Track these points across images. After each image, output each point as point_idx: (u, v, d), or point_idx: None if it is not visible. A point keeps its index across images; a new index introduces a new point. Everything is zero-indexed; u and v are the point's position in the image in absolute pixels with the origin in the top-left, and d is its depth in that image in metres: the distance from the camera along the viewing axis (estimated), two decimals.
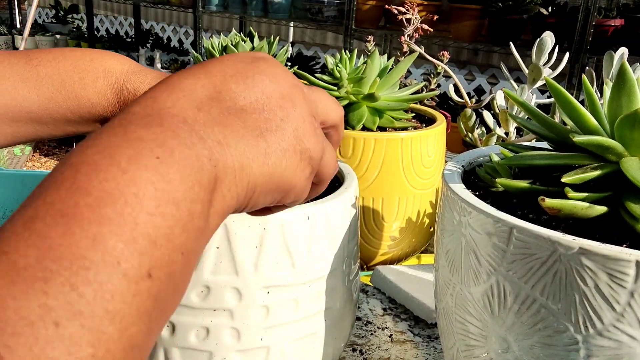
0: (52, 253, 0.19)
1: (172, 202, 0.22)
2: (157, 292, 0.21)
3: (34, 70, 0.44)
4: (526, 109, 0.41)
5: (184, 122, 0.25)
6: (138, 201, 0.21)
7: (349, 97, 0.72)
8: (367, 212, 0.72)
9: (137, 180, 0.21)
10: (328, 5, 2.97)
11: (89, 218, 0.20)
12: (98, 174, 0.21)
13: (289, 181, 0.30)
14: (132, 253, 0.20)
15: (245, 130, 0.28)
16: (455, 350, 0.41)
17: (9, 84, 0.43)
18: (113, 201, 0.21)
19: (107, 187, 0.21)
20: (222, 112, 0.27)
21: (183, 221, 0.22)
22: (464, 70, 3.32)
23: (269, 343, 0.42)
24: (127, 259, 0.20)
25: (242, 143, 0.27)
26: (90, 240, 0.20)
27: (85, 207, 0.20)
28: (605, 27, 2.32)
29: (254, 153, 0.28)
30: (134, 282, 0.20)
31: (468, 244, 0.37)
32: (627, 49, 0.53)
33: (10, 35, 4.54)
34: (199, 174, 0.24)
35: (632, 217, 0.33)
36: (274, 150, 0.29)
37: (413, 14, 0.88)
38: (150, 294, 0.21)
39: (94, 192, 0.21)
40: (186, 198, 0.23)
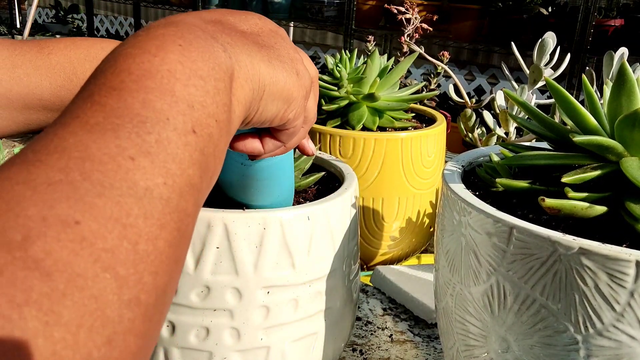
0: (113, 113, 0.23)
1: (199, 77, 0.26)
2: (202, 147, 0.25)
3: (46, 59, 0.45)
4: (526, 109, 0.41)
5: (196, 26, 0.29)
6: (172, 75, 0.25)
7: (349, 97, 0.72)
8: (367, 212, 0.72)
9: (167, 60, 0.25)
10: (328, 5, 2.96)
11: (136, 89, 0.24)
12: (135, 59, 0.25)
13: (290, 90, 0.33)
14: (177, 112, 0.24)
15: (248, 41, 0.31)
16: (455, 350, 0.41)
17: (21, 71, 0.44)
18: (152, 76, 0.25)
19: (144, 67, 0.25)
20: (226, 28, 0.31)
21: (211, 93, 0.26)
22: (464, 70, 3.32)
23: (269, 343, 0.42)
24: (173, 117, 0.24)
25: (247, 48, 0.31)
26: (141, 103, 0.24)
27: (130, 82, 0.24)
28: (605, 27, 2.32)
29: (259, 56, 0.31)
30: (183, 135, 0.24)
31: (468, 244, 0.37)
32: (627, 49, 0.53)
33: (11, 35, 4.53)
34: (217, 60, 0.27)
35: (632, 217, 0.33)
36: (275, 59, 0.32)
37: (413, 14, 0.88)
38: (197, 146, 0.25)
39: (134, 71, 0.25)
40: (210, 75, 0.26)
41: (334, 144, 0.69)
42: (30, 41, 0.46)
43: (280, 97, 0.32)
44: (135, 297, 0.20)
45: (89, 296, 0.19)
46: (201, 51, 0.27)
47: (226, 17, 0.32)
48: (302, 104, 0.35)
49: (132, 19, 4.38)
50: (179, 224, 0.23)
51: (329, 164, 0.52)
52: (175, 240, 0.23)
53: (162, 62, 0.25)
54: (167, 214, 0.22)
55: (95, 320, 0.19)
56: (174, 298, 0.40)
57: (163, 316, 0.23)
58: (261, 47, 0.32)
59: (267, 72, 0.31)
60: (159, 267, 0.22)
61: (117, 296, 0.19)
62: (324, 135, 0.69)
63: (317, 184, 0.52)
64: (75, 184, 0.20)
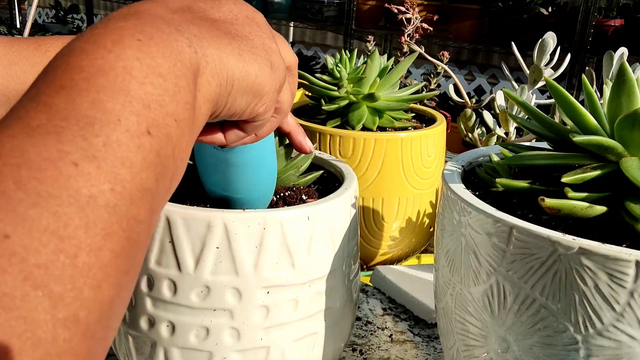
0: (59, 114, 0.22)
1: (157, 74, 0.24)
2: (159, 149, 0.24)
3: (43, 56, 0.44)
4: (526, 109, 0.41)
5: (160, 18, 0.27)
6: (127, 72, 0.24)
7: (349, 97, 0.72)
8: (367, 212, 0.72)
9: (123, 57, 0.24)
10: (328, 5, 2.96)
11: (86, 88, 0.23)
12: (88, 55, 0.24)
13: (262, 84, 0.31)
14: (130, 113, 0.23)
15: (218, 32, 0.30)
16: (455, 350, 0.41)
17: (18, 68, 0.43)
18: (105, 73, 0.23)
19: (97, 64, 0.23)
20: (195, 18, 0.29)
21: (171, 92, 0.25)
22: (464, 70, 3.32)
23: (269, 343, 0.42)
24: (126, 117, 0.23)
25: (216, 40, 0.29)
26: (90, 104, 0.22)
27: (80, 80, 0.23)
28: (605, 27, 2.32)
29: (229, 49, 0.29)
30: (136, 137, 0.23)
31: (468, 244, 0.37)
32: (627, 49, 0.53)
33: (11, 35, 4.54)
34: (180, 55, 0.26)
35: (632, 217, 0.33)
36: (247, 52, 0.30)
37: (413, 14, 0.88)
38: (152, 148, 0.23)
39: (86, 68, 0.23)
40: (170, 72, 0.25)
41: (334, 144, 0.69)
42: (28, 38, 0.46)
43: (250, 92, 0.31)
44: (73, 315, 0.19)
45: (16, 317, 0.17)
46: (162, 46, 0.25)
47: (197, 4, 0.31)
48: (274, 97, 0.33)
49: None
50: (129, 232, 0.22)
51: (329, 163, 0.52)
52: (123, 250, 0.21)
53: (118, 59, 0.24)
54: (113, 222, 0.21)
55: (24, 343, 0.17)
56: (174, 298, 0.40)
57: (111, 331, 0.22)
58: (233, 37, 0.30)
59: (236, 66, 0.30)
60: (103, 280, 0.20)
61: (50, 315, 0.18)
62: (324, 135, 0.69)
63: (316, 184, 0.52)
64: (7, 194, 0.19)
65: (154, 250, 0.40)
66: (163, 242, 0.40)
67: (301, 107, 0.81)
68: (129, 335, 0.43)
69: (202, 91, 0.28)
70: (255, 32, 0.32)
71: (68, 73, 0.23)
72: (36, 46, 0.45)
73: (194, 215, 0.39)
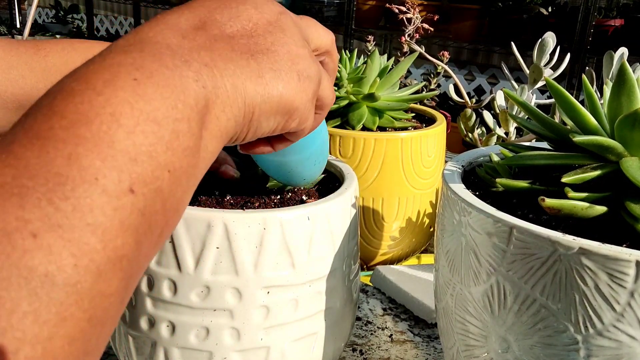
0: (27, 172, 0.19)
1: (152, 120, 0.22)
2: (143, 207, 0.21)
3: (42, 60, 0.44)
4: (526, 109, 0.41)
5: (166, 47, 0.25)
6: (114, 120, 0.21)
7: (349, 97, 0.72)
8: (367, 212, 0.72)
9: (112, 101, 0.21)
10: (328, 5, 2.96)
11: (64, 139, 0.20)
12: (74, 98, 0.21)
13: (290, 101, 0.29)
14: (111, 169, 0.20)
15: (234, 53, 0.27)
16: (455, 350, 0.41)
17: (17, 72, 0.43)
18: (88, 121, 0.21)
19: (81, 109, 0.21)
20: (208, 39, 0.27)
21: (166, 139, 0.22)
22: (464, 70, 3.32)
23: (269, 343, 0.42)
24: (104, 175, 0.20)
25: (231, 65, 0.27)
26: (65, 159, 0.20)
27: (59, 129, 0.20)
28: (605, 27, 2.32)
29: (246, 73, 0.27)
30: (115, 197, 0.20)
31: (468, 244, 0.37)
32: (627, 49, 0.53)
33: (11, 35, 4.53)
34: (183, 94, 0.24)
35: (632, 217, 0.33)
36: (268, 71, 0.28)
37: (414, 14, 0.88)
38: (134, 208, 0.21)
39: (68, 114, 0.21)
40: (168, 117, 0.23)
41: (334, 144, 0.69)
42: (27, 42, 0.45)
43: (277, 112, 0.29)
44: None
45: None
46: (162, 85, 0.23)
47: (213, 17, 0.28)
48: (308, 106, 0.31)
49: (132, 19, 4.38)
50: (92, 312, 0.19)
51: (329, 164, 0.52)
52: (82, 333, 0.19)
53: (105, 104, 0.21)
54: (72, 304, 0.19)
55: None
56: (174, 298, 0.40)
57: None
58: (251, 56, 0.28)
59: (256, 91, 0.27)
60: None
61: None
62: None
63: (316, 184, 0.52)
64: None
65: None
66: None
67: None
68: (129, 335, 0.43)
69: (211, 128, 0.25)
70: (278, 40, 0.29)
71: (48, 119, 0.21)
72: (35, 50, 0.44)
73: (194, 215, 0.39)
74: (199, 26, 0.27)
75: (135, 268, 0.22)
